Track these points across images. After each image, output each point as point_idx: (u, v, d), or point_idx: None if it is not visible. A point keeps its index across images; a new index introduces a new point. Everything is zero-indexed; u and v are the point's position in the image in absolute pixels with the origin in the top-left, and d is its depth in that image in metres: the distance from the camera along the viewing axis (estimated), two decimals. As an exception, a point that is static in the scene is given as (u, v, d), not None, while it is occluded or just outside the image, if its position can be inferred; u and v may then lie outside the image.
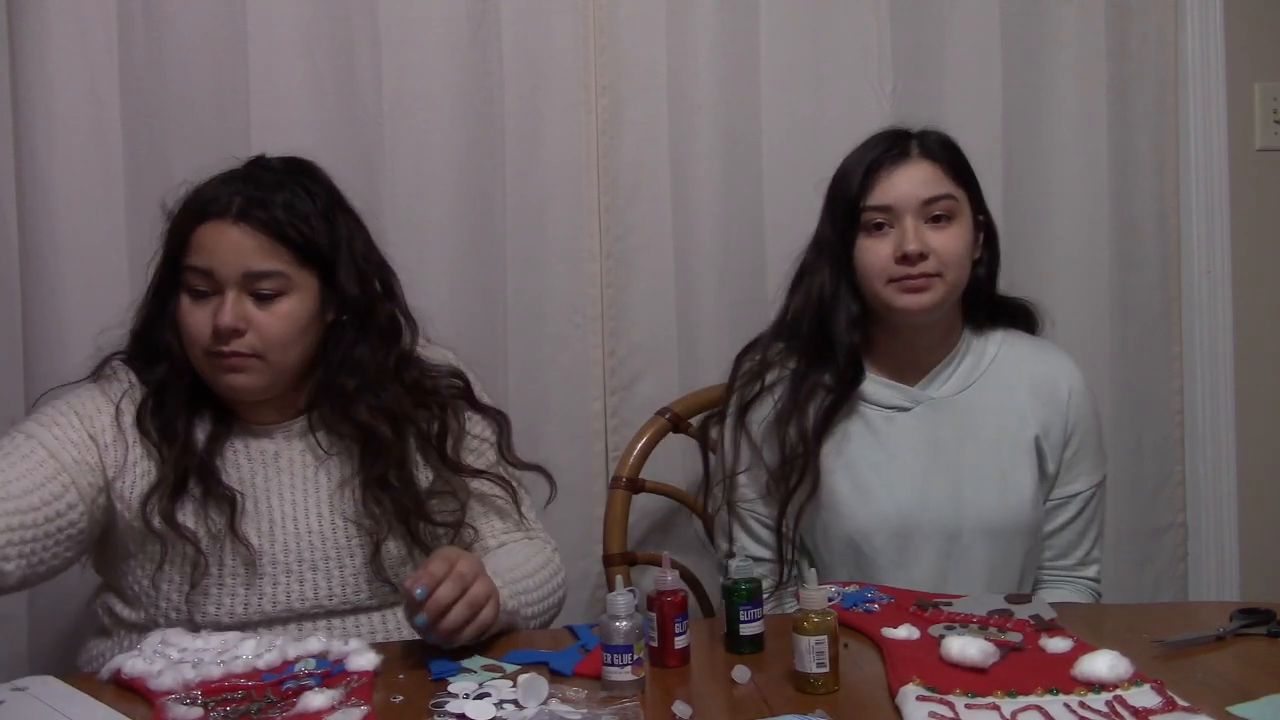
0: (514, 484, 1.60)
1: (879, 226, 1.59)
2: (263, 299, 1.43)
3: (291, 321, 1.45)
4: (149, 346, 1.51)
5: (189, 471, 1.44)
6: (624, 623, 1.21)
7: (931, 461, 1.64)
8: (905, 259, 1.56)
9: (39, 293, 1.90)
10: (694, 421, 1.96)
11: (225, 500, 1.44)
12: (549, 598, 1.54)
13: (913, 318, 1.61)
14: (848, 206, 1.60)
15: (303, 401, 1.53)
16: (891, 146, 1.61)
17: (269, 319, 1.43)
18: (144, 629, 1.45)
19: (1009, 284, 2.14)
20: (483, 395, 1.64)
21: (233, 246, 1.42)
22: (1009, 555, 1.64)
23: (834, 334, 1.63)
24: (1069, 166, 2.22)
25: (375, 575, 1.48)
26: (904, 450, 1.64)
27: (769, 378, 1.68)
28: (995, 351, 1.69)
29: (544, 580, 1.54)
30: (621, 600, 1.22)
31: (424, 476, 1.53)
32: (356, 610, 1.49)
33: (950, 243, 1.58)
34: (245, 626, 1.43)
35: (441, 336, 1.72)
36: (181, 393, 1.48)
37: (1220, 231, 2.30)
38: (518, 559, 1.53)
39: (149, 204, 1.92)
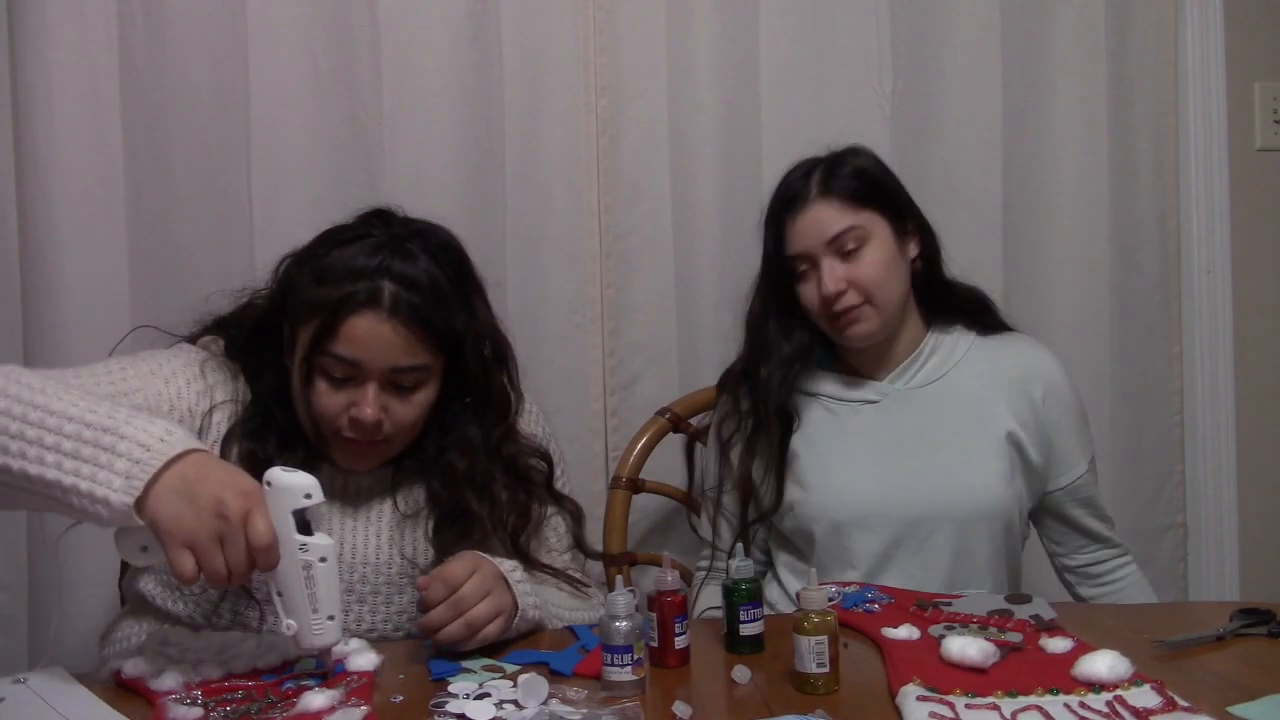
0: (580, 576, 1.59)
1: (804, 272, 1.67)
2: (400, 390, 1.41)
3: (424, 408, 1.44)
4: (256, 354, 1.47)
5: None
6: (624, 623, 1.21)
7: (894, 449, 1.68)
8: (826, 300, 1.64)
9: (39, 293, 1.91)
10: (694, 421, 1.96)
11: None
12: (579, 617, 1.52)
13: (858, 344, 1.68)
14: (774, 262, 1.69)
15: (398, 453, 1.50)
16: (790, 195, 1.67)
17: (405, 408, 1.42)
18: (188, 625, 1.42)
19: (1009, 284, 2.16)
20: (561, 477, 1.63)
21: (383, 343, 1.38)
22: (973, 543, 1.65)
23: (760, 387, 1.70)
24: (1069, 166, 2.22)
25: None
26: (867, 439, 1.69)
27: (744, 405, 1.74)
28: (966, 349, 1.74)
29: (577, 607, 1.53)
30: (621, 600, 1.22)
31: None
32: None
33: (866, 269, 1.64)
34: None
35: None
36: (277, 427, 1.45)
37: (1220, 231, 2.30)
38: (562, 594, 1.54)
39: (149, 204, 1.94)
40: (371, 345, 1.37)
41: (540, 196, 2.06)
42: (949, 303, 1.76)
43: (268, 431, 1.44)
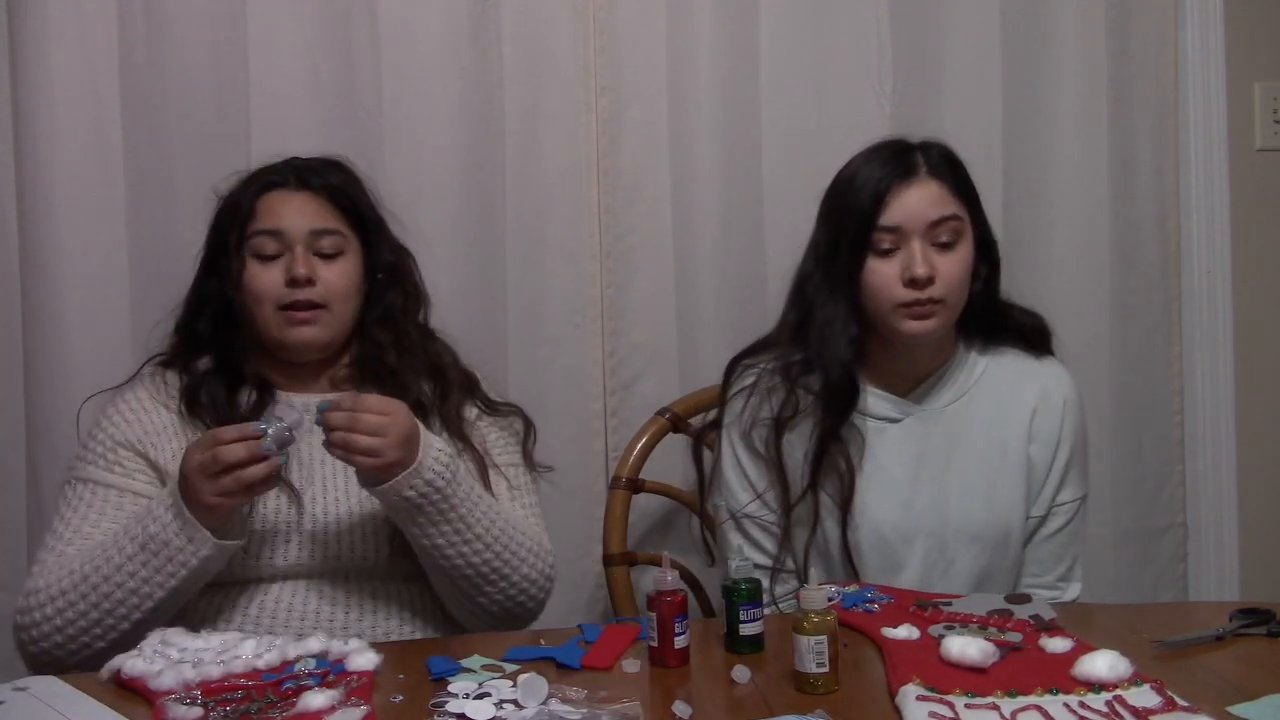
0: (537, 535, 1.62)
1: (887, 248, 1.58)
2: (325, 257, 1.58)
3: (349, 278, 1.61)
4: (193, 336, 1.62)
5: None
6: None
7: (919, 472, 1.65)
8: (914, 283, 1.56)
9: (39, 293, 1.91)
10: (694, 421, 1.96)
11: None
12: (511, 546, 1.52)
13: (917, 340, 1.61)
14: (858, 225, 1.58)
15: (340, 375, 1.65)
16: (900, 164, 1.59)
17: (332, 273, 1.58)
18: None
19: (1008, 285, 2.15)
20: (490, 392, 1.72)
21: (298, 208, 1.59)
22: (994, 564, 1.65)
23: (828, 358, 1.61)
24: (1069, 166, 2.23)
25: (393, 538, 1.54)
26: (892, 461, 1.65)
27: (774, 397, 1.66)
28: (986, 365, 1.69)
29: (513, 526, 1.54)
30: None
31: None
32: (386, 577, 1.55)
33: (955, 267, 1.58)
34: (287, 577, 1.52)
35: (444, 337, 1.73)
36: (225, 375, 1.59)
37: (1220, 231, 2.30)
38: (496, 496, 1.60)
39: (149, 204, 1.94)
40: (287, 212, 1.58)
41: (540, 196, 2.06)
42: (1000, 325, 1.70)
43: (214, 381, 1.59)
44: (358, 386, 1.62)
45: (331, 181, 1.62)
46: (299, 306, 1.56)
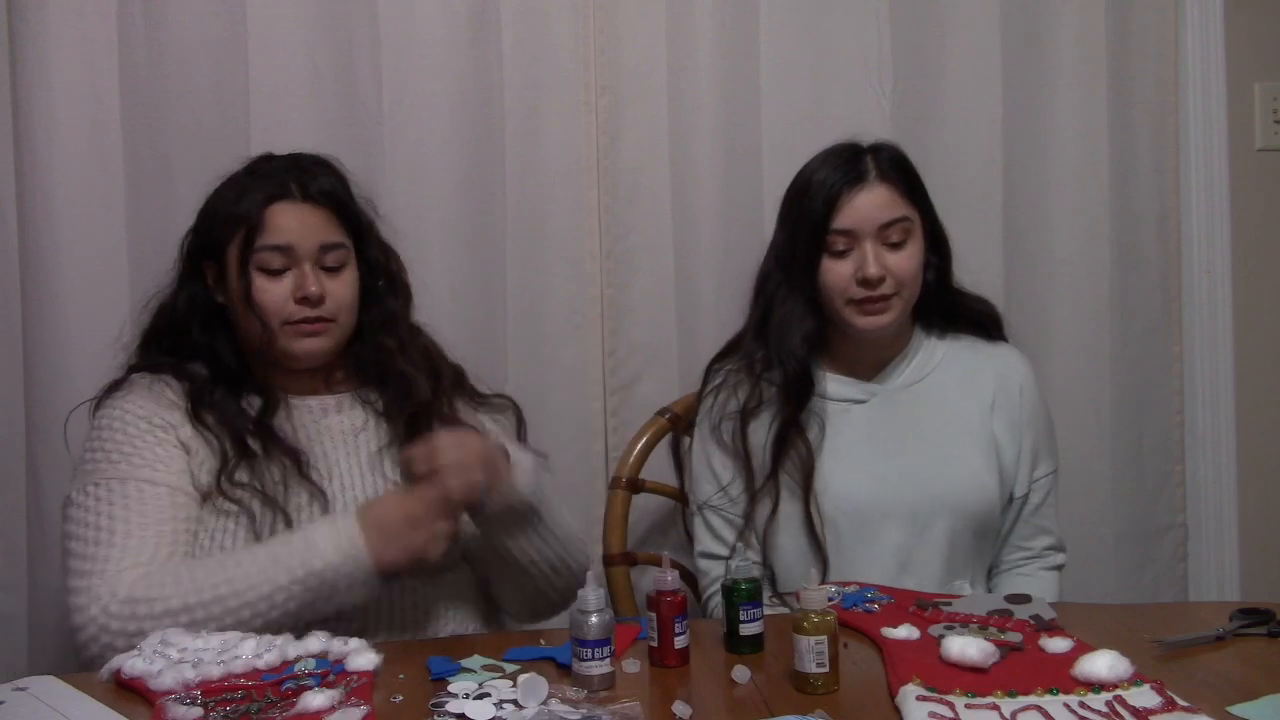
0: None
1: (841, 249, 1.66)
2: (329, 270, 1.57)
3: (353, 288, 1.60)
4: (182, 344, 1.59)
5: (247, 438, 1.53)
6: (596, 617, 1.23)
7: (886, 447, 1.70)
8: (865, 282, 1.65)
9: (39, 293, 1.91)
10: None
11: (289, 454, 1.54)
12: (571, 536, 1.61)
13: (871, 334, 1.70)
14: (812, 228, 1.67)
15: (338, 377, 1.65)
16: (850, 169, 1.67)
17: (338, 286, 1.57)
18: None
19: (1009, 284, 2.16)
20: (478, 385, 1.72)
21: (307, 224, 1.55)
22: (969, 531, 1.69)
23: (784, 352, 1.70)
24: (1069, 166, 2.22)
25: None
26: (859, 439, 1.71)
27: (740, 392, 1.74)
28: (945, 349, 1.77)
29: (565, 518, 1.61)
30: (593, 596, 1.24)
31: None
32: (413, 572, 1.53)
33: (906, 263, 1.67)
34: None
35: (442, 337, 1.73)
36: (226, 380, 1.58)
37: (1220, 231, 2.30)
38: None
39: (149, 204, 1.94)
40: (298, 228, 1.54)
41: (540, 196, 2.06)
42: (954, 312, 1.79)
43: (219, 387, 1.56)
44: (358, 388, 1.64)
45: (330, 188, 1.59)
46: (308, 322, 1.55)
